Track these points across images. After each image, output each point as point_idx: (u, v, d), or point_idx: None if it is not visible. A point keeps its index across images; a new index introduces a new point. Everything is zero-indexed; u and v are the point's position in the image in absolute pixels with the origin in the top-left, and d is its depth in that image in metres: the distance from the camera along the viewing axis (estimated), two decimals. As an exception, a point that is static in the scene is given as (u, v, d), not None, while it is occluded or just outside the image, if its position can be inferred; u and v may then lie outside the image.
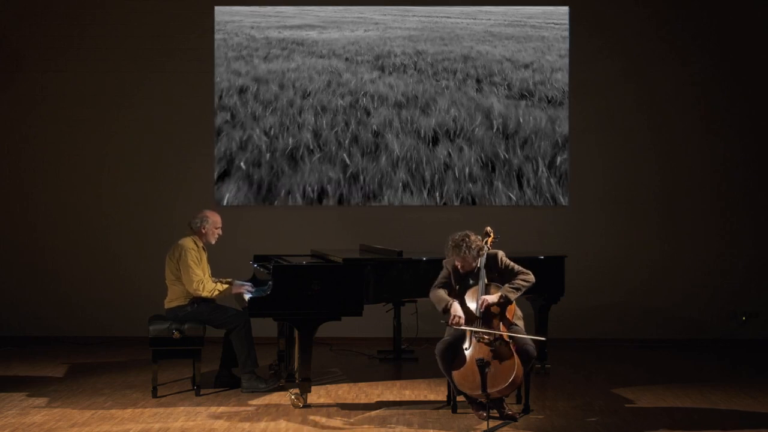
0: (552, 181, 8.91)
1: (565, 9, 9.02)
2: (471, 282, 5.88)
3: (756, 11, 8.97)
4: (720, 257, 8.94)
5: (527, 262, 6.10)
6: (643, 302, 8.92)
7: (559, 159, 8.91)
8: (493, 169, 8.94)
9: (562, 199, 8.92)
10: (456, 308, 5.78)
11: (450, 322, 5.77)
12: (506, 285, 5.84)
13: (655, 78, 8.99)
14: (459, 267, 5.88)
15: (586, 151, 8.97)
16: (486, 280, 5.84)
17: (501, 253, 5.99)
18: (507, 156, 8.93)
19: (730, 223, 8.97)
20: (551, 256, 7.16)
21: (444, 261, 6.04)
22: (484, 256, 5.89)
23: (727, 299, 8.91)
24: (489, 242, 5.99)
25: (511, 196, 8.89)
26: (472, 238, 5.81)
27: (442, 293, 5.93)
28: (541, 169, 8.93)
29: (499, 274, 5.93)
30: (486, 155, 8.91)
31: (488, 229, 6.09)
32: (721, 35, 8.98)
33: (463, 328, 5.71)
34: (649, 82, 9.00)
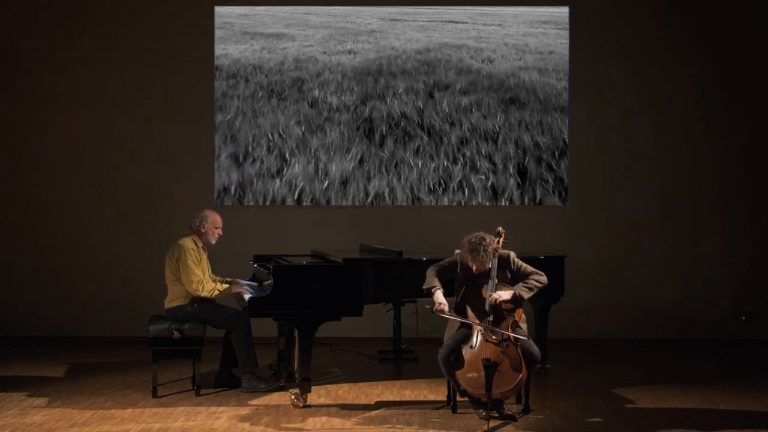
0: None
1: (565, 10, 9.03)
2: (480, 281, 5.87)
3: (756, 11, 8.97)
4: (720, 257, 8.94)
5: (527, 262, 6.09)
6: (643, 302, 8.92)
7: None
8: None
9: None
10: (438, 296, 5.82)
11: (435, 309, 5.80)
12: (519, 284, 5.84)
13: (655, 78, 8.98)
14: (473, 269, 5.86)
15: (586, 151, 8.97)
16: (496, 280, 5.83)
17: (513, 254, 5.98)
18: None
19: (730, 223, 8.96)
20: (551, 256, 7.15)
21: (456, 253, 6.02)
22: (497, 257, 5.89)
23: (727, 299, 8.91)
24: (500, 242, 5.99)
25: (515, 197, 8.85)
26: (488, 240, 5.79)
27: (434, 275, 5.94)
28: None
29: (511, 275, 5.92)
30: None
31: (500, 229, 6.08)
32: (721, 35, 8.98)
33: (446, 315, 5.76)
34: (649, 82, 8.99)
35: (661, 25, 9.00)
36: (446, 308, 5.80)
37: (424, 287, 5.94)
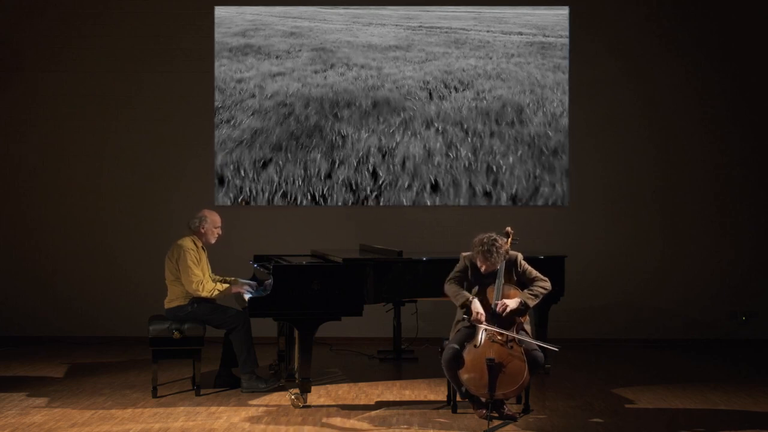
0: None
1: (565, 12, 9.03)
2: (487, 281, 5.87)
3: (756, 11, 8.97)
4: (720, 257, 8.94)
5: (528, 262, 6.09)
6: (643, 302, 8.92)
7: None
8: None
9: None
10: (477, 305, 5.74)
11: (472, 319, 5.73)
12: (525, 291, 5.84)
13: (655, 78, 8.98)
14: (482, 269, 5.85)
15: (586, 151, 8.97)
16: (503, 280, 5.83)
17: (520, 257, 5.98)
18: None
19: (730, 223, 8.96)
20: (551, 256, 7.15)
21: (463, 255, 6.01)
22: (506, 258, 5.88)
23: (727, 299, 8.91)
24: (509, 242, 5.99)
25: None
26: (500, 242, 5.80)
27: (459, 288, 5.89)
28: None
29: (516, 277, 5.92)
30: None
31: (508, 229, 6.07)
32: (721, 35, 8.97)
33: (483, 326, 5.69)
34: (649, 82, 8.99)
35: (661, 25, 9.00)
36: (484, 318, 5.71)
37: (459, 303, 5.83)
